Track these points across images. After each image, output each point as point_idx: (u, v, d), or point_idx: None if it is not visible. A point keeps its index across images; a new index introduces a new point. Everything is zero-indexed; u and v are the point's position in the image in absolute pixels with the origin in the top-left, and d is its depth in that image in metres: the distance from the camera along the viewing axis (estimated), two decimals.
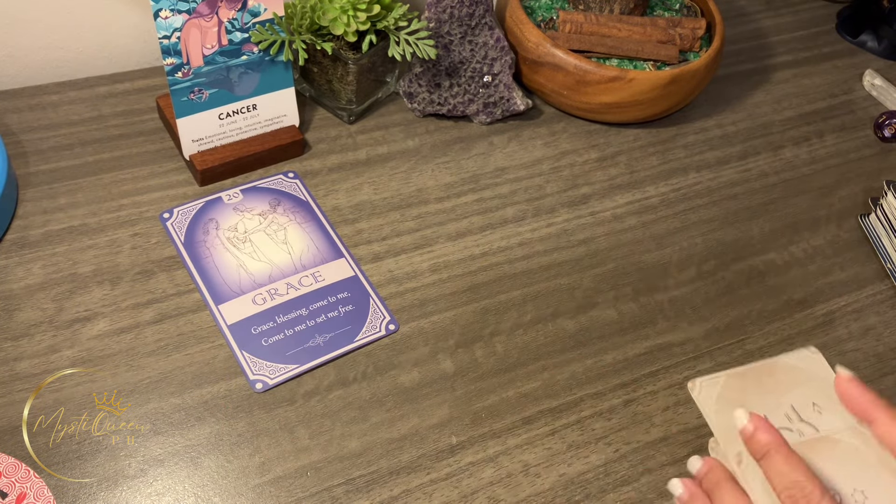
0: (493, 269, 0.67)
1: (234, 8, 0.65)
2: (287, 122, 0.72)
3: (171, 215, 0.66)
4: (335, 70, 0.72)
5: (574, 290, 0.67)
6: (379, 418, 0.57)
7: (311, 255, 0.65)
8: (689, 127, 0.83)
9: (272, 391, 0.57)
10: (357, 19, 0.67)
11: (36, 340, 0.57)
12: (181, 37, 0.63)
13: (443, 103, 0.76)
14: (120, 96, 0.74)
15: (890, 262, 0.73)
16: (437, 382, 0.59)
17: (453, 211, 0.70)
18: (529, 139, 0.78)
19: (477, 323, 0.63)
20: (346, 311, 0.62)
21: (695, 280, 0.69)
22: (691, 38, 0.81)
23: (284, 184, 0.69)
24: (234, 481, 0.53)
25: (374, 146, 0.74)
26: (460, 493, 0.54)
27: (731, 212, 0.76)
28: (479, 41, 0.74)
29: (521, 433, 0.58)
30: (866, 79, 0.91)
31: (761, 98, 0.88)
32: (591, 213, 0.73)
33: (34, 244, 0.62)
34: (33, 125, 0.70)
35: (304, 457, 0.54)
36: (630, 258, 0.70)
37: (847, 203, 0.79)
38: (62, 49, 0.75)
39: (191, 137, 0.67)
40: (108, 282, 0.61)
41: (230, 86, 0.67)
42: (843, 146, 0.84)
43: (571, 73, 0.75)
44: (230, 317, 0.60)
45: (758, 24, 0.98)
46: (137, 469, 0.52)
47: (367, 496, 0.53)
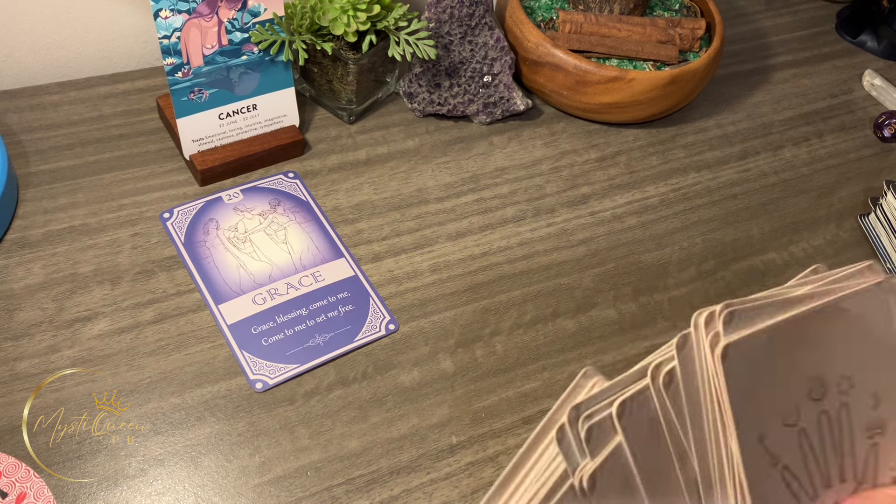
0: (493, 269, 0.67)
1: (234, 8, 0.65)
2: (287, 122, 0.72)
3: (172, 215, 0.66)
4: (335, 70, 0.72)
5: (574, 290, 0.67)
6: (379, 418, 0.57)
7: (311, 255, 0.65)
8: (688, 127, 0.83)
9: (272, 391, 0.57)
10: (357, 19, 0.67)
11: (36, 340, 0.57)
12: (181, 37, 0.63)
13: (443, 103, 0.76)
14: (120, 96, 0.74)
15: (890, 261, 0.73)
16: (437, 382, 0.60)
17: (453, 211, 0.71)
18: (529, 139, 0.78)
19: (477, 323, 0.63)
20: (346, 310, 0.62)
21: (695, 280, 0.69)
22: (691, 38, 0.81)
23: (284, 184, 0.70)
24: (234, 481, 0.53)
25: (374, 146, 0.74)
26: (460, 493, 0.54)
27: (731, 212, 0.76)
28: (479, 41, 0.74)
29: (521, 433, 0.58)
30: (866, 79, 0.91)
31: (761, 98, 0.88)
32: (591, 213, 0.73)
33: (34, 244, 0.62)
34: (34, 125, 0.70)
35: (304, 456, 0.55)
36: (630, 258, 0.70)
37: (847, 203, 0.79)
38: (62, 49, 0.75)
39: (191, 137, 0.67)
40: (108, 282, 0.61)
41: (230, 86, 0.67)
42: (843, 146, 0.84)
43: (571, 74, 0.75)
44: (230, 317, 0.60)
45: (757, 24, 0.98)
46: (137, 469, 0.52)
47: (367, 496, 0.53)
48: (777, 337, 0.36)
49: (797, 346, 0.37)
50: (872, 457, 0.39)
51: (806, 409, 0.37)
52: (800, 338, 0.37)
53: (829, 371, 0.38)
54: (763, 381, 0.35)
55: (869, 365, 0.39)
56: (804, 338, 0.37)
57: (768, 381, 0.35)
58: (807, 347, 0.37)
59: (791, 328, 0.36)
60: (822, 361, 0.38)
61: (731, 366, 0.33)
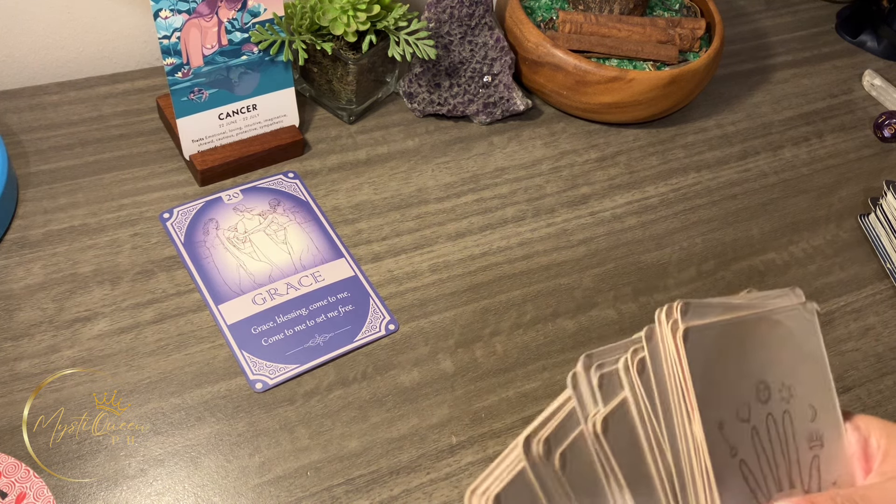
0: (493, 269, 0.67)
1: (234, 8, 0.65)
2: (287, 122, 0.72)
3: (172, 215, 0.66)
4: (335, 70, 0.72)
5: (574, 290, 0.67)
6: (379, 418, 0.57)
7: (311, 255, 0.65)
8: (688, 127, 0.83)
9: (272, 391, 0.57)
10: (357, 19, 0.67)
11: (36, 340, 0.57)
12: (181, 37, 0.63)
13: (443, 103, 0.76)
14: (120, 96, 0.74)
15: (890, 262, 0.73)
16: (437, 382, 0.60)
17: (453, 211, 0.71)
18: (529, 139, 0.78)
19: (477, 323, 0.63)
20: (345, 311, 0.62)
21: (694, 280, 0.69)
22: (691, 38, 0.81)
23: (284, 184, 0.70)
24: (234, 481, 0.53)
25: (374, 146, 0.74)
26: (460, 493, 0.54)
27: (731, 212, 0.76)
28: (478, 41, 0.74)
29: (520, 433, 0.58)
30: (866, 79, 0.91)
31: (761, 98, 0.88)
32: (591, 213, 0.73)
33: (34, 244, 0.62)
34: (33, 125, 0.70)
35: (304, 457, 0.55)
36: (630, 258, 0.70)
37: (847, 203, 0.79)
38: (62, 49, 0.75)
39: (191, 137, 0.67)
40: (108, 282, 0.61)
41: (230, 86, 0.67)
42: (843, 146, 0.84)
43: (571, 74, 0.75)
44: (230, 317, 0.60)
45: (757, 24, 0.98)
46: (137, 469, 0.52)
47: (367, 496, 0.53)
48: (727, 333, 0.38)
49: (744, 347, 0.39)
50: (815, 468, 0.41)
51: (755, 408, 0.39)
52: (746, 339, 0.39)
53: (772, 377, 0.40)
54: (717, 372, 0.37)
55: (805, 377, 0.41)
56: (750, 340, 0.39)
57: (721, 373, 0.37)
58: (752, 350, 0.39)
59: (737, 329, 0.39)
60: (766, 366, 0.40)
61: (691, 348, 0.36)
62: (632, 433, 0.36)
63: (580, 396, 0.36)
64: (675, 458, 0.36)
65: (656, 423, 0.36)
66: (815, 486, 0.40)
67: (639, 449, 0.36)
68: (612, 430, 0.35)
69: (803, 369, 0.41)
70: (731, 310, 0.39)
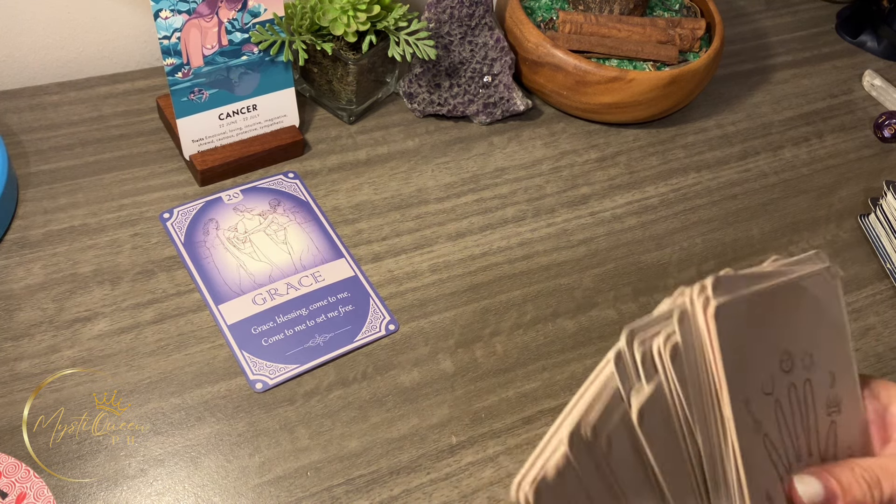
0: (493, 269, 0.67)
1: (234, 8, 0.65)
2: (287, 122, 0.72)
3: (172, 215, 0.66)
4: (335, 70, 0.72)
5: (574, 290, 0.67)
6: (379, 418, 0.57)
7: (311, 255, 0.65)
8: (688, 127, 0.83)
9: (272, 391, 0.57)
10: (357, 20, 0.67)
11: (36, 340, 0.57)
12: (181, 37, 0.63)
13: (443, 104, 0.76)
14: (120, 96, 0.74)
15: (890, 262, 0.73)
16: (437, 382, 0.60)
17: (453, 211, 0.71)
18: (529, 139, 0.78)
19: (477, 323, 0.63)
20: (345, 311, 0.62)
21: (695, 280, 0.69)
22: (691, 38, 0.81)
23: (284, 184, 0.70)
24: (234, 481, 0.53)
25: (374, 146, 0.74)
26: (460, 493, 0.54)
27: (731, 212, 0.76)
28: (478, 41, 0.74)
29: (521, 433, 0.58)
30: (866, 79, 0.91)
31: (761, 98, 0.88)
32: (591, 214, 0.73)
33: (34, 244, 0.62)
34: (33, 125, 0.70)
35: (304, 457, 0.55)
36: (630, 258, 0.70)
37: (847, 203, 0.79)
38: (62, 49, 0.75)
39: (191, 137, 0.67)
40: (108, 282, 0.61)
41: (230, 86, 0.67)
42: (843, 146, 0.84)
43: (571, 74, 0.75)
44: (230, 317, 0.60)
45: (757, 25, 0.98)
46: (137, 469, 0.52)
47: (367, 496, 0.53)
48: (755, 304, 0.38)
49: (770, 318, 0.39)
50: (832, 435, 0.40)
51: (778, 379, 0.39)
52: (772, 309, 0.39)
53: (795, 345, 0.39)
54: (746, 348, 0.37)
55: (825, 344, 0.41)
56: (774, 311, 0.39)
57: (750, 349, 0.37)
58: (778, 319, 0.39)
59: (763, 300, 0.38)
60: (789, 335, 0.39)
61: (721, 325, 0.36)
62: (665, 419, 0.36)
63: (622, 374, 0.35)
64: (704, 440, 0.36)
65: (687, 408, 0.36)
66: (832, 453, 0.40)
67: (672, 434, 0.36)
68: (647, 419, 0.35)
69: (824, 335, 0.41)
70: (759, 279, 0.38)
